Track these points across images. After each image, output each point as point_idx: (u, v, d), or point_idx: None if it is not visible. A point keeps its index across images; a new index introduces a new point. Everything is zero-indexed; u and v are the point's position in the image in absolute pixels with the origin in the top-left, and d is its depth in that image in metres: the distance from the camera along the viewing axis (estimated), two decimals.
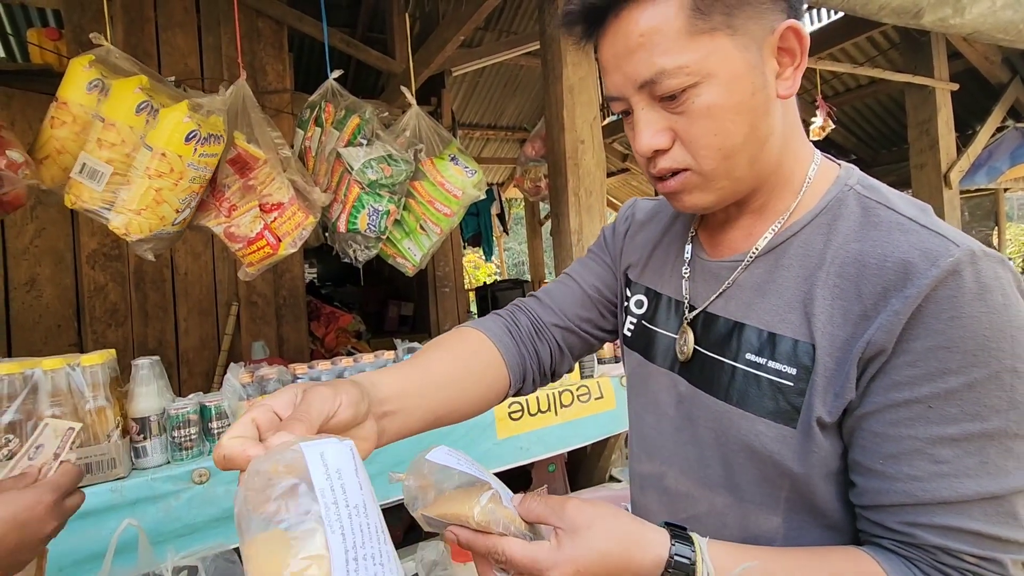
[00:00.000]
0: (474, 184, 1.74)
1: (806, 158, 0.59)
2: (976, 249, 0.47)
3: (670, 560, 0.48)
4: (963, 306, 0.46)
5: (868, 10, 2.04)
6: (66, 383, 1.01)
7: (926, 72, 3.72)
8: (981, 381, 0.46)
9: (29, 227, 2.75)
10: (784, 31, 0.52)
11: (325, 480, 0.37)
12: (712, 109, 0.51)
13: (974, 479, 0.46)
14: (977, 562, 0.46)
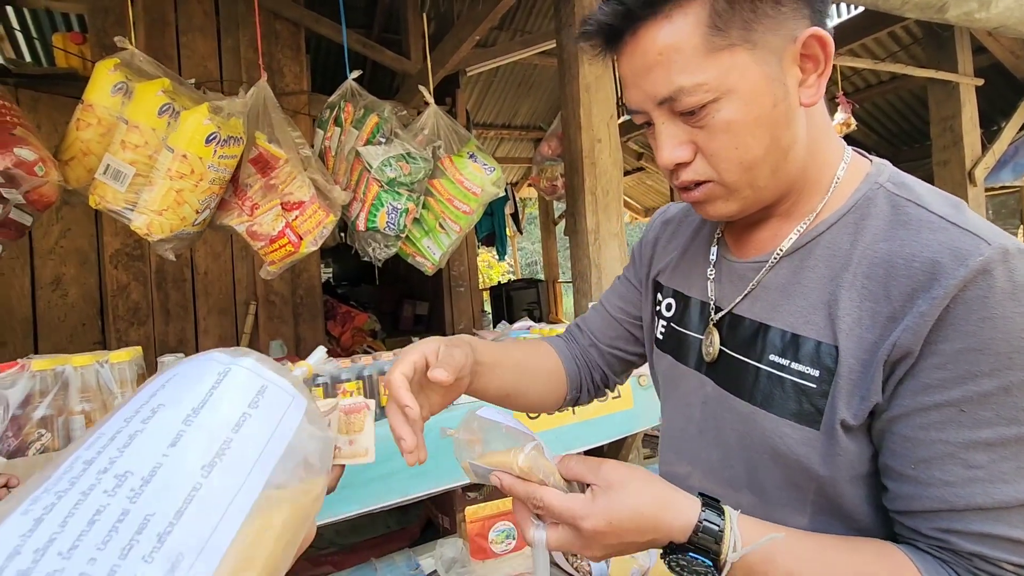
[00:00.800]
0: (493, 181, 1.74)
1: (835, 157, 0.58)
2: (1010, 247, 0.46)
3: (699, 525, 0.48)
4: (995, 306, 0.44)
5: (891, 4, 2.00)
6: (95, 379, 1.03)
7: (950, 67, 3.65)
8: (1017, 384, 0.44)
9: (55, 228, 2.81)
10: (807, 39, 0.51)
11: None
12: (732, 124, 0.51)
13: (1011, 485, 0.44)
14: (1017, 570, 0.45)
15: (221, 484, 0.38)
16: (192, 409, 0.42)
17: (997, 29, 2.37)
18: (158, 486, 0.36)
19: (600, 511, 0.48)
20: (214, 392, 0.44)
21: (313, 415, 0.48)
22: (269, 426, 0.44)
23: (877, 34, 4.13)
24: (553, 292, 7.18)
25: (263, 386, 0.46)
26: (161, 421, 0.41)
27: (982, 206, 3.75)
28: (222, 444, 0.41)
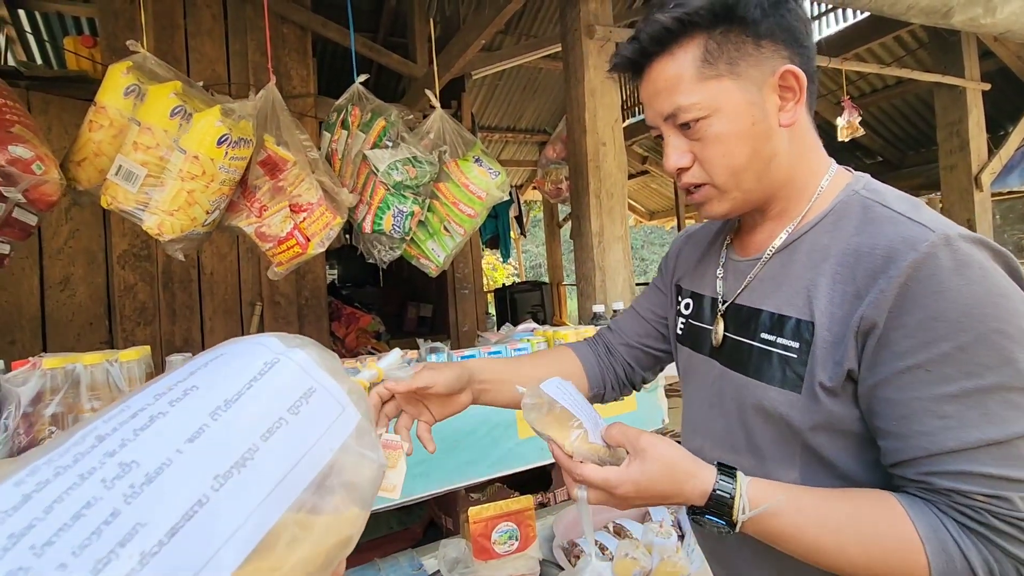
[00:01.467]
0: (497, 185, 1.75)
1: (821, 170, 0.69)
2: (952, 233, 0.55)
3: (713, 493, 0.60)
4: (943, 281, 0.54)
5: (896, 10, 2.01)
6: (105, 378, 1.05)
7: (956, 72, 3.64)
8: (971, 343, 0.53)
9: (64, 228, 2.84)
10: (783, 73, 0.64)
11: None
12: (720, 136, 0.65)
13: (977, 428, 0.52)
14: (986, 500, 0.52)
15: (233, 502, 0.33)
16: (224, 401, 0.37)
17: (1003, 34, 2.36)
18: (160, 489, 0.31)
19: (629, 479, 0.61)
20: (253, 385, 0.38)
21: (365, 432, 0.42)
22: (308, 438, 0.38)
23: (883, 39, 4.13)
24: (557, 295, 7.18)
25: (311, 388, 0.40)
26: (188, 407, 0.36)
27: (988, 211, 3.73)
28: (245, 452, 0.35)
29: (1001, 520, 0.52)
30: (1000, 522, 0.52)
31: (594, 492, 0.63)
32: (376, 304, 5.24)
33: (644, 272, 17.26)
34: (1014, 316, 0.53)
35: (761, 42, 0.63)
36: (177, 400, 0.36)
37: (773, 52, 0.64)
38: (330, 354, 0.45)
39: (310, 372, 0.41)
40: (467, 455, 1.50)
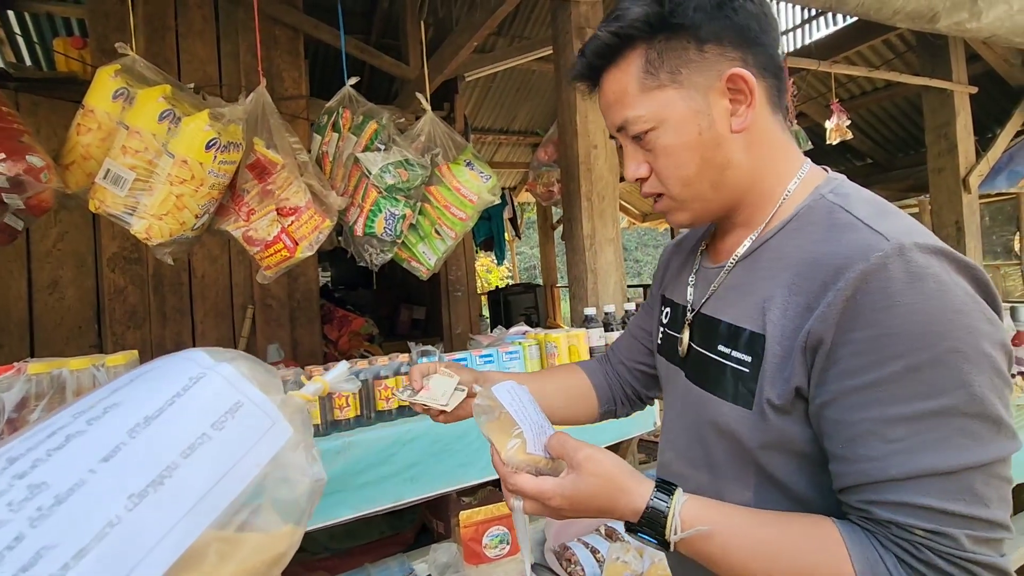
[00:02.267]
0: (489, 189, 1.75)
1: (788, 173, 0.65)
2: (907, 243, 0.51)
3: (646, 510, 0.57)
4: (895, 295, 0.50)
5: (882, 14, 2.02)
6: (91, 383, 1.04)
7: (944, 75, 3.68)
8: (925, 363, 0.49)
9: (52, 231, 2.82)
10: (729, 77, 0.61)
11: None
12: (668, 147, 0.63)
13: (925, 456, 0.49)
14: (926, 535, 0.49)
15: (148, 521, 0.31)
16: (144, 418, 0.35)
17: (989, 38, 2.39)
18: (70, 510, 0.30)
19: (562, 492, 0.59)
20: (175, 401, 0.37)
21: (297, 447, 0.40)
22: (232, 454, 0.36)
23: (872, 42, 4.17)
24: (551, 297, 7.19)
25: (237, 403, 0.39)
26: (106, 426, 0.35)
27: (976, 212, 3.76)
28: (163, 470, 0.33)
29: (942, 558, 0.48)
30: (942, 560, 0.48)
31: (529, 502, 0.62)
32: (369, 307, 5.22)
33: (638, 274, 17.30)
34: (971, 335, 0.49)
35: (704, 47, 0.61)
36: (96, 419, 0.35)
37: (719, 55, 0.61)
38: (265, 368, 0.43)
39: (237, 386, 0.40)
40: (458, 459, 1.50)
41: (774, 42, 0.64)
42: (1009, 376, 0.52)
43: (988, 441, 0.49)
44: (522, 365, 1.69)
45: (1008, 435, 0.50)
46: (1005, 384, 0.51)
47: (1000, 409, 0.50)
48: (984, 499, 0.49)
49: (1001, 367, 0.50)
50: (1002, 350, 0.51)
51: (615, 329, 1.88)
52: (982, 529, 0.48)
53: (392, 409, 1.50)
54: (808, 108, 5.10)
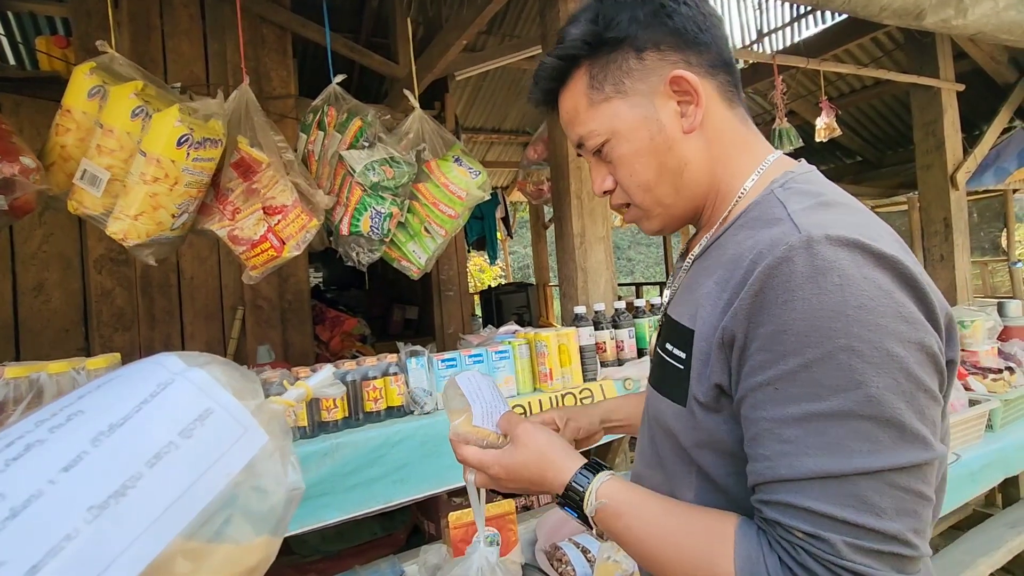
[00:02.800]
0: (478, 185, 1.74)
1: (746, 169, 0.65)
2: (816, 235, 0.49)
3: (569, 485, 0.62)
4: (795, 290, 0.49)
5: (869, 11, 2.03)
6: (71, 387, 1.02)
7: (931, 73, 3.70)
8: (816, 361, 0.47)
9: (37, 232, 2.78)
10: (671, 79, 0.62)
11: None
12: (623, 158, 0.65)
13: (813, 457, 0.47)
14: (805, 538, 0.47)
15: (108, 534, 0.30)
16: (108, 426, 0.34)
17: (975, 36, 2.41)
18: (25, 523, 0.29)
19: (500, 463, 0.66)
20: (143, 408, 0.36)
21: (272, 454, 0.39)
22: (201, 463, 0.35)
23: (860, 40, 4.19)
24: (544, 296, 7.19)
25: (208, 409, 0.37)
26: (69, 434, 0.33)
27: (964, 209, 3.79)
28: (127, 480, 0.32)
29: (819, 563, 0.47)
30: (817, 564, 0.47)
31: (479, 474, 0.69)
32: (361, 307, 5.20)
33: (631, 272, 17.32)
34: (873, 332, 0.47)
35: (643, 55, 0.62)
36: (58, 426, 0.34)
37: (659, 61, 0.62)
38: (242, 373, 0.42)
39: (209, 392, 0.38)
40: (448, 460, 1.49)
41: (719, 39, 0.64)
42: (934, 378, 0.49)
43: (886, 447, 0.46)
44: (512, 365, 1.69)
45: (916, 443, 0.47)
46: (918, 388, 0.47)
47: (904, 414, 0.46)
48: (876, 508, 0.46)
49: (912, 368, 0.47)
50: (919, 350, 0.48)
51: (605, 328, 1.88)
52: (867, 539, 0.46)
53: (380, 410, 1.49)
54: (798, 106, 5.12)
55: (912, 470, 0.47)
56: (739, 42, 5.94)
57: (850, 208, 0.56)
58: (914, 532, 0.46)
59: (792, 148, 3.29)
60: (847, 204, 0.57)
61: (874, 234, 0.51)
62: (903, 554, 0.46)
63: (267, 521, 0.38)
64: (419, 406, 1.52)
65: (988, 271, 8.62)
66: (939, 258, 3.77)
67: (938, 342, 0.50)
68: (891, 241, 0.52)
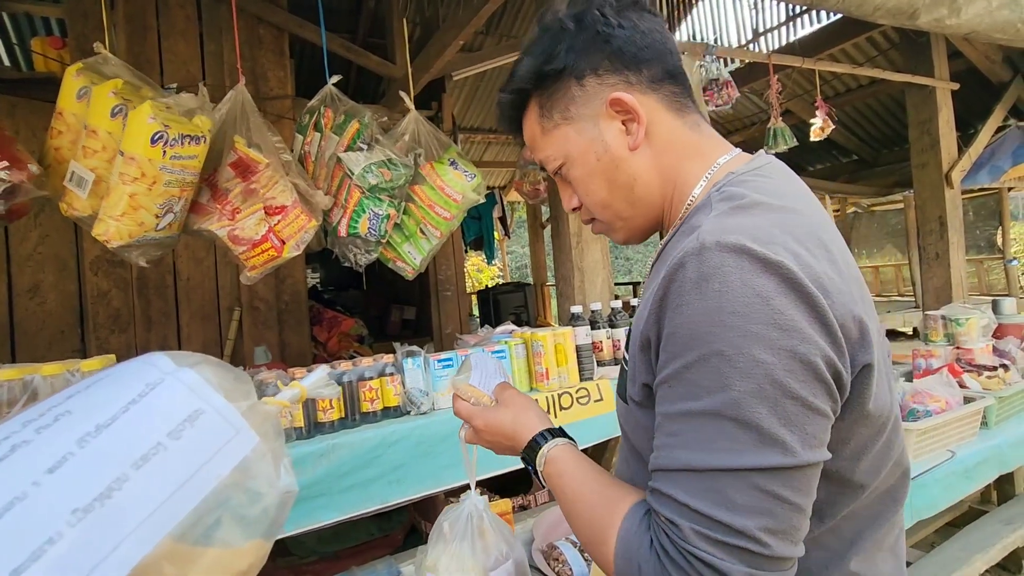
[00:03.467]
0: (473, 188, 1.74)
1: (696, 176, 0.66)
2: (709, 242, 0.52)
3: (530, 443, 0.69)
4: (684, 295, 0.52)
5: (863, 11, 2.04)
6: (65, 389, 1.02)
7: (926, 72, 3.72)
8: (693, 364, 0.51)
9: (33, 234, 2.77)
10: (610, 101, 0.65)
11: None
12: (578, 179, 0.69)
13: (685, 451, 0.51)
14: (666, 523, 0.52)
15: (92, 537, 0.30)
16: (96, 426, 0.34)
17: (969, 35, 2.42)
18: (7, 527, 0.28)
19: (484, 419, 0.74)
20: (131, 408, 0.35)
21: (265, 456, 0.39)
22: (190, 465, 0.35)
23: (856, 39, 4.21)
24: (541, 295, 7.19)
25: (197, 410, 0.37)
26: (55, 434, 0.33)
27: (959, 207, 3.81)
28: (112, 482, 0.32)
29: (673, 547, 0.50)
30: (672, 547, 0.50)
31: (468, 432, 0.78)
32: (359, 307, 5.19)
33: (628, 272, 17.33)
34: (742, 339, 0.48)
35: (583, 81, 0.65)
36: (45, 427, 0.33)
37: (598, 85, 0.65)
38: (234, 373, 0.42)
39: (199, 392, 0.38)
40: (444, 459, 1.49)
41: (662, 53, 0.66)
42: (811, 386, 0.49)
43: (746, 448, 0.48)
44: (508, 364, 1.69)
45: (775, 447, 0.48)
46: (784, 395, 0.48)
47: (764, 419, 0.48)
48: (731, 504, 0.48)
49: (778, 375, 0.48)
50: (791, 358, 0.48)
51: (602, 327, 1.88)
52: (716, 531, 0.48)
53: (377, 411, 1.49)
54: (793, 105, 5.13)
55: (772, 472, 0.48)
56: (735, 41, 5.95)
57: (767, 208, 0.56)
58: (767, 531, 0.48)
59: (787, 147, 3.30)
60: (767, 204, 0.56)
61: (770, 238, 0.51)
62: (752, 550, 0.48)
63: (259, 524, 0.38)
64: (415, 406, 1.53)
65: (983, 269, 8.65)
66: (934, 256, 3.79)
67: (824, 350, 0.50)
68: (795, 246, 0.52)
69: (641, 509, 0.57)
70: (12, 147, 1.30)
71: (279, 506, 0.40)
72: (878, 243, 9.80)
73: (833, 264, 0.54)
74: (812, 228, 0.56)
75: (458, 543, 0.86)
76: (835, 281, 0.53)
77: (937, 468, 1.71)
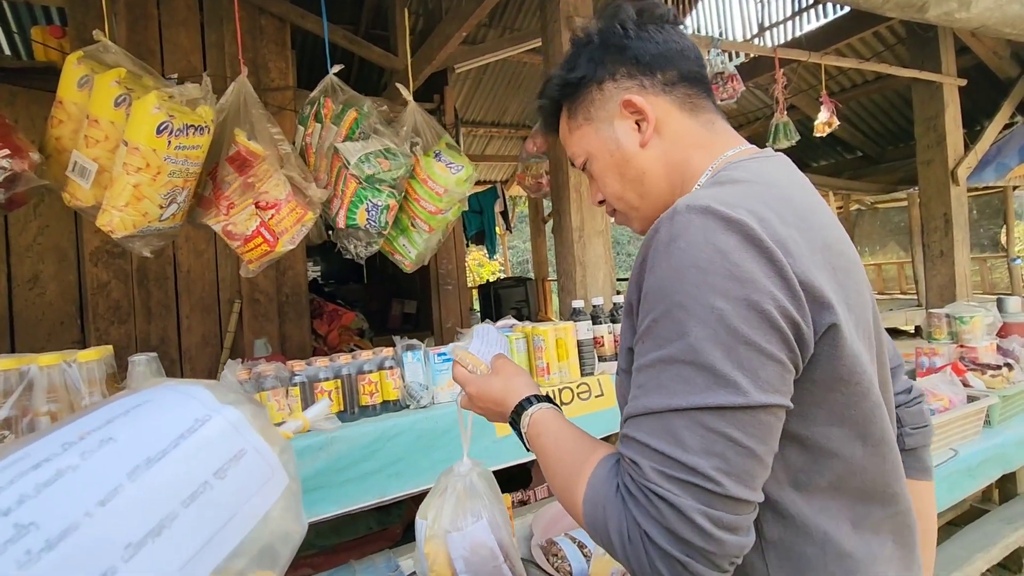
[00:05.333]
0: (458, 181, 1.72)
1: (700, 170, 0.71)
2: (680, 206, 0.57)
3: (517, 407, 0.74)
4: (656, 256, 0.57)
5: (872, 3, 2.01)
6: (62, 380, 1.01)
7: (933, 67, 3.68)
8: (661, 317, 0.55)
9: (32, 224, 2.76)
10: (623, 103, 0.72)
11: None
12: (597, 173, 0.77)
13: (647, 397, 0.55)
14: (629, 463, 0.55)
15: (142, 575, 0.30)
16: (146, 459, 0.33)
17: (978, 29, 2.39)
18: (62, 559, 0.27)
19: (476, 384, 0.81)
20: (180, 444, 0.35)
21: (293, 495, 0.40)
22: (232, 504, 0.35)
23: (862, 34, 4.16)
24: (542, 290, 7.18)
25: (241, 450, 0.38)
26: (103, 462, 0.32)
27: (964, 205, 3.78)
28: (164, 518, 0.32)
29: (635, 485, 0.53)
30: (633, 484, 0.53)
31: (463, 398, 0.84)
32: (360, 301, 5.19)
33: (630, 267, 17.33)
34: (699, 289, 0.53)
35: (603, 86, 0.73)
36: (90, 452, 0.33)
37: (615, 89, 0.73)
38: (261, 408, 0.42)
39: (242, 432, 0.39)
40: (443, 454, 1.48)
41: (676, 58, 0.72)
42: (766, 334, 0.52)
43: (699, 389, 0.52)
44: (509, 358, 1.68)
45: (728, 388, 0.51)
46: (738, 340, 0.52)
47: (719, 361, 0.51)
48: (682, 443, 0.52)
49: (732, 322, 0.52)
50: (746, 307, 0.52)
51: (603, 322, 1.87)
52: (671, 468, 0.51)
53: (376, 404, 1.48)
54: (798, 100, 5.09)
55: (723, 412, 0.51)
56: (740, 36, 5.90)
57: (746, 183, 0.62)
58: (719, 471, 0.51)
59: (789, 143, 3.28)
60: (747, 180, 0.63)
61: (736, 202, 0.56)
62: (706, 487, 0.50)
63: (277, 558, 0.39)
64: (415, 400, 1.52)
65: (987, 267, 8.62)
66: (939, 254, 3.76)
67: (779, 301, 0.53)
68: (761, 209, 0.57)
69: (611, 460, 0.60)
70: (13, 135, 1.29)
71: (296, 542, 0.41)
72: (881, 240, 9.76)
73: (805, 233, 0.58)
74: (791, 203, 0.61)
75: (439, 496, 0.97)
76: (800, 245, 0.57)
77: (940, 467, 1.70)
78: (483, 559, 0.96)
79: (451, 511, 0.97)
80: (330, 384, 1.42)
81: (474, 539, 0.96)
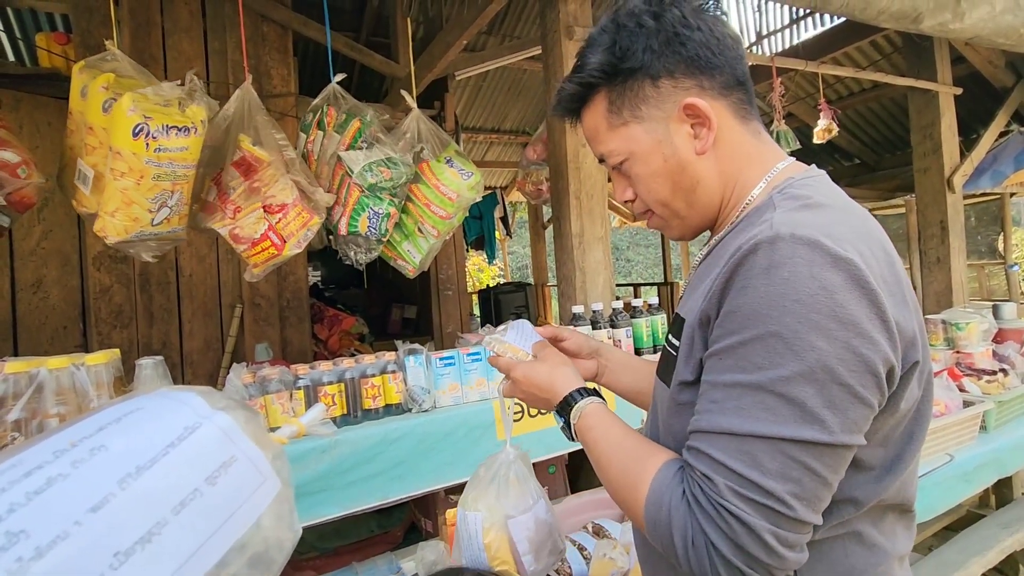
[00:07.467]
0: (470, 187, 1.74)
1: (755, 180, 0.69)
2: (784, 233, 0.55)
3: (565, 398, 0.75)
4: (751, 279, 0.55)
5: (867, 15, 2.04)
6: (71, 382, 1.03)
7: (929, 76, 3.72)
8: (749, 341, 0.55)
9: (36, 229, 2.78)
10: (684, 106, 0.66)
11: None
12: (640, 176, 0.70)
13: (726, 417, 0.56)
14: (701, 478, 0.57)
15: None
16: (136, 467, 0.33)
17: (972, 39, 2.42)
18: (52, 565, 0.28)
19: (523, 371, 0.80)
20: (171, 451, 0.35)
21: (284, 501, 0.40)
22: (223, 511, 0.35)
23: (859, 43, 4.21)
24: (542, 296, 7.19)
25: (232, 457, 0.38)
26: (93, 470, 0.32)
27: (960, 212, 3.81)
28: (153, 526, 0.32)
29: (706, 498, 0.55)
30: (705, 499, 0.55)
31: (506, 385, 0.84)
32: (360, 306, 5.20)
33: (629, 273, 17.33)
34: (801, 324, 0.52)
35: (658, 82, 0.66)
36: (81, 461, 0.33)
37: (673, 88, 0.66)
38: (254, 414, 0.43)
39: (233, 439, 0.38)
40: (445, 456, 1.50)
41: (732, 60, 0.68)
42: (863, 379, 0.53)
43: (785, 421, 0.53)
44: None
45: (815, 424, 0.52)
46: (833, 381, 0.52)
47: (810, 398, 0.52)
48: (762, 467, 0.53)
49: (830, 363, 0.52)
50: (846, 350, 0.52)
51: (603, 327, 1.88)
52: (747, 489, 0.53)
53: (378, 408, 1.49)
54: (796, 108, 5.13)
55: (806, 446, 0.53)
56: None
57: (834, 210, 0.60)
58: (793, 496, 0.53)
59: (789, 150, 3.31)
60: (833, 206, 0.61)
61: (841, 236, 0.55)
62: (778, 510, 0.53)
63: (270, 564, 0.39)
64: (417, 404, 1.53)
65: (984, 274, 8.64)
66: (935, 260, 3.79)
67: (882, 349, 0.54)
68: (862, 246, 0.56)
69: (675, 465, 0.61)
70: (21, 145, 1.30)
71: (289, 548, 0.40)
72: None
73: (891, 267, 0.59)
74: (872, 231, 0.60)
75: (487, 486, 0.98)
76: (890, 284, 0.57)
77: (936, 472, 1.71)
78: (544, 537, 0.99)
79: (513, 497, 0.98)
80: (334, 388, 1.43)
81: (537, 519, 0.99)
